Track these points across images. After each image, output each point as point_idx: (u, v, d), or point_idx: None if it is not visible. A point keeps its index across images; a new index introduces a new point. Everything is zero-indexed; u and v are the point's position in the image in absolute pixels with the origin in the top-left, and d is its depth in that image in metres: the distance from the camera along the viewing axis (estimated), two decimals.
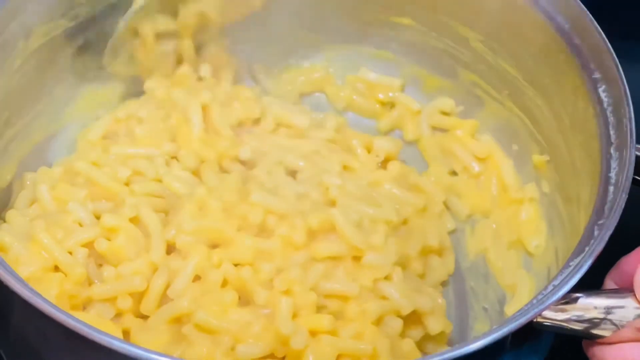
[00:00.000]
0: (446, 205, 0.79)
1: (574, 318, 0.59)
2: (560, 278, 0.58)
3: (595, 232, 0.60)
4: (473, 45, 0.77)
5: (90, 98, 0.78)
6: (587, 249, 0.59)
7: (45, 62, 0.74)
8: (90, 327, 0.54)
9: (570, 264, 0.59)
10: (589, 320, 0.59)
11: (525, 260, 0.75)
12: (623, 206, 0.61)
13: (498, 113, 0.79)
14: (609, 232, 0.60)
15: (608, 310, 0.59)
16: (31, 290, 0.56)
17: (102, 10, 0.75)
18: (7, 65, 0.70)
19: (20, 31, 0.70)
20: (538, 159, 0.75)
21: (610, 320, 0.59)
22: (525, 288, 0.73)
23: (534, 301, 0.58)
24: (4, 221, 0.70)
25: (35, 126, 0.75)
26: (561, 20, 0.70)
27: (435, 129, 0.81)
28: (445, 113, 0.81)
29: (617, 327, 0.59)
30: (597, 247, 0.59)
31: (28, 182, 0.74)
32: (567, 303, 0.59)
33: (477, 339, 0.55)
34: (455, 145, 0.80)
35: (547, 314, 0.59)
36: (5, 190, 0.73)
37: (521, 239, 0.75)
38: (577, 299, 0.59)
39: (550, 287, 0.58)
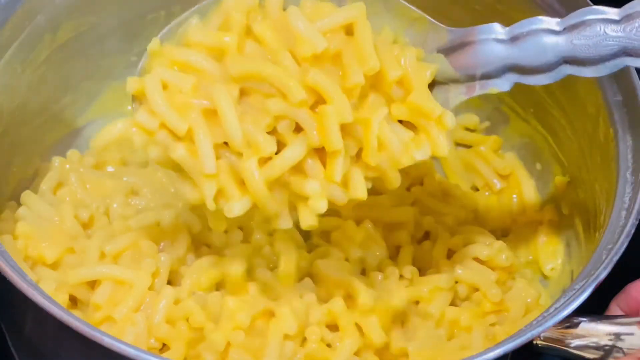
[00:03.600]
0: None
1: (583, 344, 0.58)
2: (562, 300, 0.57)
3: (603, 256, 0.59)
4: None
5: (117, 94, 0.79)
6: (593, 272, 0.58)
7: (72, 57, 0.74)
8: (88, 324, 0.55)
9: (575, 287, 0.58)
10: (602, 348, 0.58)
11: (541, 281, 0.74)
12: (633, 232, 0.60)
13: (523, 131, 0.78)
14: (617, 257, 0.59)
15: (617, 337, 0.58)
16: (42, 293, 0.56)
17: (129, 12, 0.76)
18: (33, 57, 0.70)
19: (47, 24, 0.70)
20: (560, 179, 0.74)
21: (621, 348, 0.58)
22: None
23: (534, 322, 0.57)
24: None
25: (60, 119, 0.76)
26: None
27: (458, 144, 0.81)
28: (469, 129, 0.81)
29: None
30: (603, 271, 0.58)
31: (56, 164, 0.74)
32: (569, 327, 0.58)
33: (471, 357, 0.55)
34: (478, 160, 0.79)
35: (550, 336, 0.58)
36: (27, 181, 0.74)
37: (537, 261, 0.74)
38: (579, 323, 0.58)
39: (552, 309, 0.57)
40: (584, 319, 0.58)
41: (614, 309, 0.61)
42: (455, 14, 0.74)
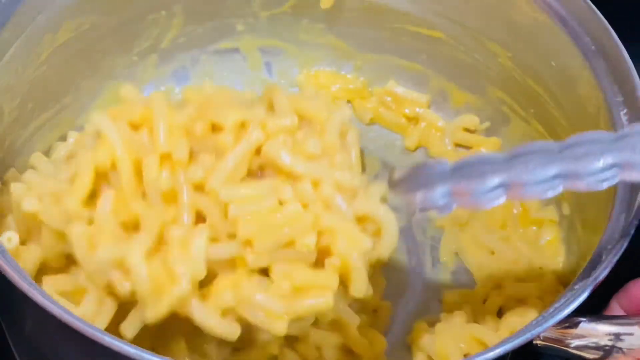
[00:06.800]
0: None
1: (582, 344, 0.58)
2: (562, 300, 0.57)
3: (603, 257, 0.59)
4: (502, 62, 0.77)
5: (117, 94, 0.78)
6: (592, 272, 0.58)
7: (73, 57, 0.74)
8: (88, 324, 0.55)
9: (575, 287, 0.58)
10: (601, 348, 0.58)
11: None
12: (632, 232, 0.60)
13: (524, 131, 0.78)
14: (616, 257, 0.59)
15: (617, 337, 0.58)
16: (42, 293, 0.56)
17: (129, 12, 0.76)
18: (33, 57, 0.70)
19: (47, 24, 0.70)
20: None
21: (621, 348, 0.58)
22: None
23: (533, 322, 0.57)
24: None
25: (61, 119, 0.76)
26: (588, 42, 0.69)
27: (458, 146, 0.81)
28: (469, 130, 0.81)
29: None
30: (603, 271, 0.58)
31: (71, 140, 0.74)
32: (569, 327, 0.58)
33: (471, 357, 0.55)
34: None
35: (550, 336, 0.58)
36: None
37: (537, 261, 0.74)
38: (579, 323, 0.58)
39: (551, 309, 0.57)
40: (584, 319, 0.58)
41: (614, 306, 0.61)
42: None
